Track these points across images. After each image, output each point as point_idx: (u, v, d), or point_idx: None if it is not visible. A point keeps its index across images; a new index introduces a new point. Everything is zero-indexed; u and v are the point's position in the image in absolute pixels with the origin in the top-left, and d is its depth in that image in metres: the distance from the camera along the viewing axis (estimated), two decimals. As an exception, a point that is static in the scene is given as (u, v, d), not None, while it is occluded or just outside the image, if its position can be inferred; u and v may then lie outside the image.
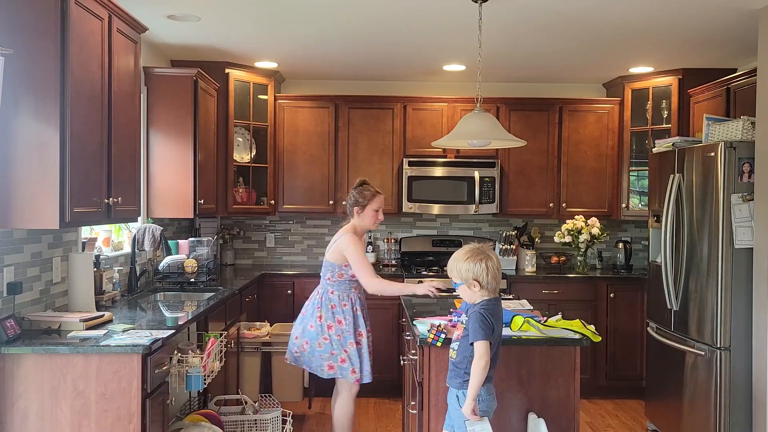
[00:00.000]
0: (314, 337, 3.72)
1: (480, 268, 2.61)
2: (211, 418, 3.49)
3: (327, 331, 3.71)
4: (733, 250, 3.71)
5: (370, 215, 3.82)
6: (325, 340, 3.70)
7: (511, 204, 5.55)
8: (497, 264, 2.66)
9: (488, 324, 2.56)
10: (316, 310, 3.76)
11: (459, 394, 2.65)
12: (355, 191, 3.86)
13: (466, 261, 2.64)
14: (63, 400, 2.64)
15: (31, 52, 2.64)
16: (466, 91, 5.66)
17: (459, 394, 2.65)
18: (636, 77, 5.40)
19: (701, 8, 3.67)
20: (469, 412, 2.55)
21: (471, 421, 2.57)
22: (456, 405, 2.66)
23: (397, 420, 4.72)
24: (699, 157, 3.95)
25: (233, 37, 4.45)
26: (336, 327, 3.71)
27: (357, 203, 3.82)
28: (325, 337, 3.70)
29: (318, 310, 3.75)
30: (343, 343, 3.70)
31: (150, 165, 4.45)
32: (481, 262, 2.62)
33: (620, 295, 5.26)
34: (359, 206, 3.81)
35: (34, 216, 2.66)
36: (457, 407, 2.65)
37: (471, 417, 2.56)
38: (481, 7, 3.58)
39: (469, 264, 2.63)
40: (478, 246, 2.70)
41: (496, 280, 2.64)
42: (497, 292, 2.69)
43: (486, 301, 2.63)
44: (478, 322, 2.56)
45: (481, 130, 3.70)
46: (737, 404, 3.72)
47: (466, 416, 2.57)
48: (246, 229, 5.88)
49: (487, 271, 2.61)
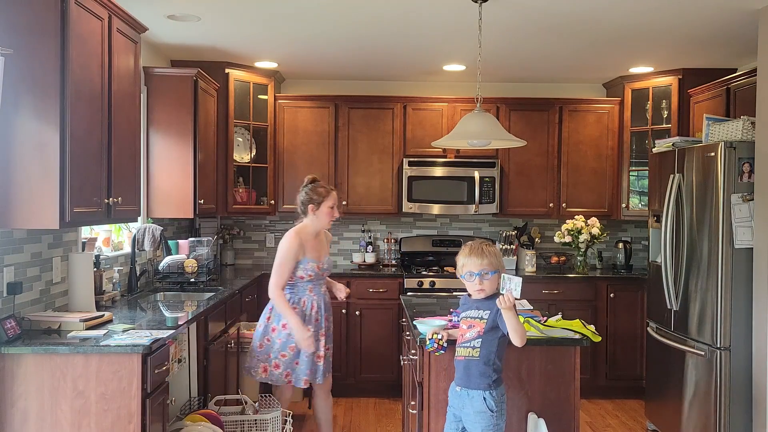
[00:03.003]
0: (258, 336, 3.74)
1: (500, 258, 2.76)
2: (211, 418, 3.48)
3: (270, 333, 3.71)
4: (733, 250, 3.71)
5: (325, 212, 3.75)
6: (267, 341, 3.71)
7: (511, 204, 5.55)
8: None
9: None
10: (267, 311, 3.77)
11: (486, 395, 2.61)
12: (308, 189, 3.78)
13: (498, 251, 2.74)
14: (63, 400, 2.64)
15: (31, 52, 2.64)
16: (466, 91, 5.65)
17: (486, 396, 2.61)
18: (636, 77, 5.40)
19: (701, 8, 3.67)
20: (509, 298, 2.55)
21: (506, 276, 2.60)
22: (481, 407, 2.60)
23: (397, 420, 4.72)
24: (699, 157, 3.95)
25: (233, 37, 4.45)
26: (280, 330, 3.69)
27: (312, 201, 3.75)
28: (267, 338, 3.71)
29: (269, 311, 3.75)
30: (280, 347, 3.69)
31: (150, 165, 4.45)
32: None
33: (620, 295, 5.26)
34: (314, 204, 3.74)
35: (34, 216, 2.66)
36: (482, 409, 2.59)
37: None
38: (481, 7, 3.58)
39: (500, 257, 2.75)
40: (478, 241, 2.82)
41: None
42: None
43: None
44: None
45: (481, 130, 3.70)
46: (737, 404, 3.72)
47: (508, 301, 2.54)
48: (246, 229, 5.88)
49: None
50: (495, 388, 2.62)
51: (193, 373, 3.69)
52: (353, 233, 5.89)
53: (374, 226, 5.88)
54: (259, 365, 3.72)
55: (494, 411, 2.61)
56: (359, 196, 5.51)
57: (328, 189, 3.79)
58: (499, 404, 2.62)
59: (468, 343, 2.68)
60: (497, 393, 2.63)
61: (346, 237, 5.91)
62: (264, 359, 3.71)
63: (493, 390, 2.61)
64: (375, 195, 5.53)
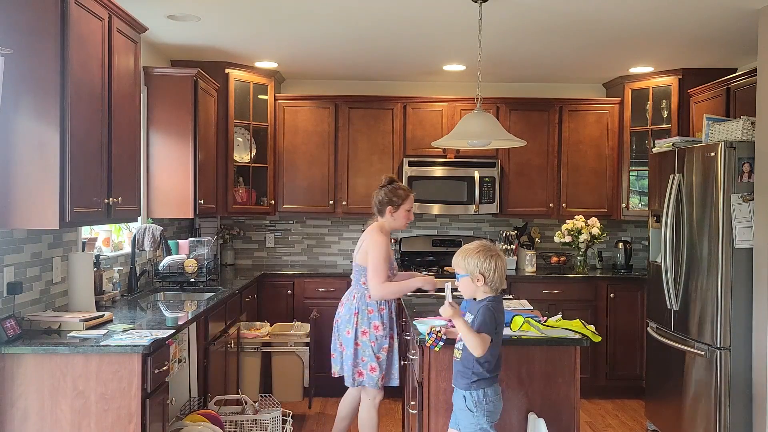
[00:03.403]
0: (349, 342, 3.65)
1: (489, 265, 2.63)
2: (211, 418, 3.48)
3: (361, 337, 3.63)
4: (733, 250, 3.71)
5: (403, 215, 3.71)
6: (357, 346, 3.63)
7: (511, 204, 5.55)
8: (504, 265, 2.69)
9: (494, 320, 2.59)
10: (352, 316, 3.66)
11: (466, 394, 2.64)
12: (387, 190, 3.71)
13: (476, 255, 2.66)
14: (63, 400, 2.64)
15: (31, 52, 2.64)
16: (466, 91, 5.65)
17: (466, 395, 2.64)
18: (636, 77, 5.40)
19: (701, 8, 3.67)
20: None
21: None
22: (462, 405, 2.66)
23: (397, 420, 4.72)
24: (699, 157, 3.95)
25: (233, 37, 4.45)
26: (371, 333, 3.63)
27: (391, 202, 3.69)
28: (357, 343, 3.63)
29: (355, 316, 3.65)
30: (376, 349, 3.63)
31: (150, 165, 4.45)
32: (491, 260, 2.64)
33: (620, 295, 5.26)
34: (393, 206, 3.69)
35: (34, 216, 2.66)
36: (463, 407, 2.65)
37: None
38: (481, 7, 3.58)
39: (479, 258, 2.65)
40: (489, 243, 2.74)
41: (501, 280, 2.66)
42: (499, 291, 2.71)
43: (492, 298, 2.65)
44: (486, 315, 2.58)
45: (481, 130, 3.70)
46: (737, 404, 3.72)
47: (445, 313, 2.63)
48: (246, 229, 5.88)
49: (495, 269, 2.63)
50: (476, 389, 2.62)
51: (193, 373, 3.68)
52: (353, 233, 5.89)
53: (374, 226, 5.88)
54: (353, 370, 3.63)
55: (473, 411, 2.63)
56: (359, 196, 5.51)
57: (407, 191, 3.74)
58: (478, 405, 2.62)
59: (456, 344, 2.72)
60: (477, 394, 2.62)
61: (345, 237, 5.91)
62: (357, 364, 3.63)
63: (473, 390, 2.62)
64: (375, 195, 5.52)
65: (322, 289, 5.24)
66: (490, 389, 2.62)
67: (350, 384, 3.69)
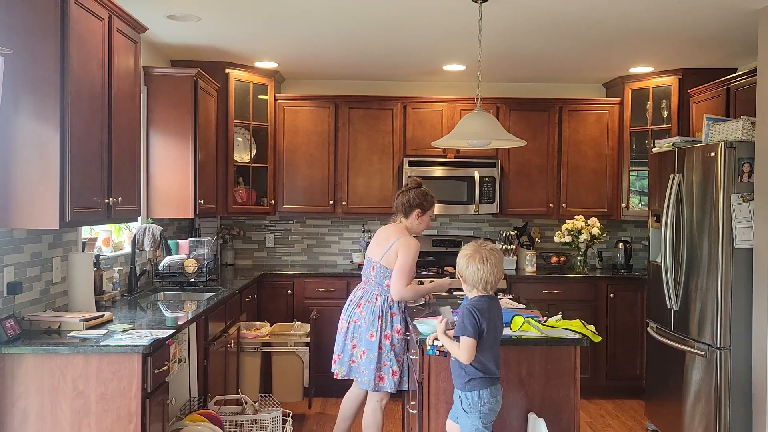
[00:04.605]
0: (372, 346, 3.60)
1: (470, 270, 2.66)
2: (211, 418, 3.48)
3: (384, 341, 3.60)
4: (733, 250, 3.71)
5: (427, 220, 3.74)
6: (380, 350, 3.59)
7: (511, 204, 5.55)
8: (495, 264, 2.66)
9: (475, 321, 2.57)
10: (377, 319, 3.61)
11: (462, 395, 2.65)
12: (418, 192, 3.69)
13: (462, 257, 2.71)
14: (63, 400, 2.64)
15: (31, 52, 2.64)
16: (466, 91, 5.65)
17: (462, 396, 2.65)
18: (636, 77, 5.40)
19: (701, 8, 3.67)
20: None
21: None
22: (458, 405, 2.67)
23: (397, 420, 4.72)
24: (699, 157, 3.95)
25: (233, 37, 4.45)
26: (394, 336, 3.61)
27: (421, 206, 3.68)
28: (380, 347, 3.60)
29: (379, 319, 3.61)
30: (398, 353, 3.61)
31: (150, 165, 4.45)
32: (473, 264, 2.65)
33: (620, 295, 5.26)
34: (422, 209, 3.68)
35: (34, 216, 2.66)
36: (459, 407, 2.66)
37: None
38: (481, 7, 3.58)
39: (462, 261, 2.70)
40: (480, 246, 2.71)
41: (486, 283, 2.65)
42: (491, 291, 2.69)
43: (478, 297, 2.65)
44: (464, 317, 2.59)
45: (481, 130, 3.70)
46: (737, 404, 3.72)
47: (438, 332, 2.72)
48: (246, 229, 5.88)
49: (476, 272, 2.64)
50: (470, 389, 2.62)
51: (193, 373, 3.68)
52: (353, 233, 5.89)
53: (374, 226, 5.87)
54: (374, 375, 3.60)
55: (467, 412, 2.63)
56: (359, 196, 5.51)
57: (434, 198, 3.76)
58: (472, 407, 2.62)
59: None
60: (472, 395, 2.62)
61: (345, 237, 5.91)
62: (379, 368, 3.59)
63: (468, 392, 2.63)
64: (375, 195, 5.52)
65: (322, 289, 5.24)
66: (485, 391, 2.62)
67: (370, 388, 3.64)
